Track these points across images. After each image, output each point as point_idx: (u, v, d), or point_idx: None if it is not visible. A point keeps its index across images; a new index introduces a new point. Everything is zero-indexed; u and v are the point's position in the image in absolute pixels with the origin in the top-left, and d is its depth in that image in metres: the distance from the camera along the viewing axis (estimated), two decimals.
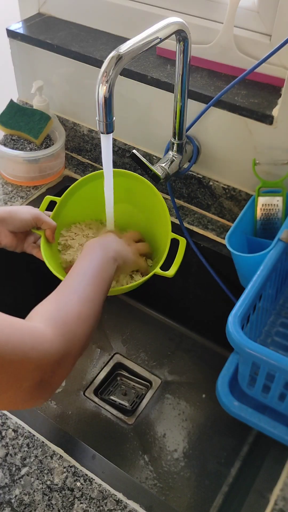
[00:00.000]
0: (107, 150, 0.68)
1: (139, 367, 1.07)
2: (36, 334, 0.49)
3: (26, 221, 0.74)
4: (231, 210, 0.98)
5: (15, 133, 1.05)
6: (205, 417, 0.99)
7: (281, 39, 0.77)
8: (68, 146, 1.15)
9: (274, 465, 0.65)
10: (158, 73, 0.92)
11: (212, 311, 1.06)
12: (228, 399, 0.64)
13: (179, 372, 1.06)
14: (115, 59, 0.61)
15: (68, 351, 0.52)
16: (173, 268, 0.74)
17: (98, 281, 0.62)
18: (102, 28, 1.04)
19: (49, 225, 0.77)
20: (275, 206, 0.87)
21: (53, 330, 0.51)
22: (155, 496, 0.62)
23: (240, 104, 0.85)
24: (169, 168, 0.90)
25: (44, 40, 1.01)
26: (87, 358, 1.08)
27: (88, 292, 0.59)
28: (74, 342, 0.53)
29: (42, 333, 0.50)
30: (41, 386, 0.49)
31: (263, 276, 0.66)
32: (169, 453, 0.93)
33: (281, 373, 0.57)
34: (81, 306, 0.57)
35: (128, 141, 1.06)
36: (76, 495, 0.62)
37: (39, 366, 0.48)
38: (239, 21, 0.86)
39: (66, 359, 0.52)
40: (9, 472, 0.64)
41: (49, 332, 0.51)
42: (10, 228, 0.74)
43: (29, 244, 0.79)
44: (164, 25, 0.69)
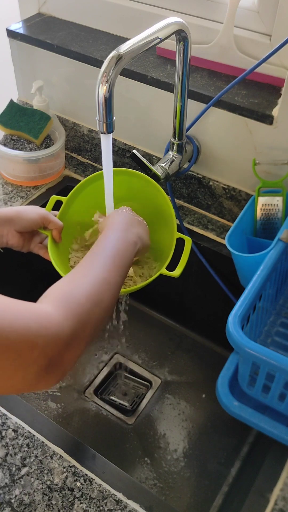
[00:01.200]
0: (107, 150, 0.68)
1: (139, 367, 1.07)
2: (43, 317, 0.48)
3: (33, 221, 0.74)
4: (231, 210, 0.98)
5: (15, 133, 1.05)
6: (205, 417, 0.99)
7: (281, 39, 0.77)
8: (68, 146, 1.15)
9: (274, 465, 0.65)
10: (158, 73, 0.92)
11: (212, 311, 1.06)
12: (228, 399, 0.64)
13: (179, 372, 1.06)
14: (115, 59, 0.61)
15: (78, 334, 0.50)
16: (179, 268, 0.73)
17: (117, 263, 0.60)
18: (102, 28, 1.04)
19: (56, 225, 0.76)
20: (275, 206, 0.87)
21: (62, 312, 0.50)
22: (155, 496, 0.62)
23: (240, 104, 0.85)
24: (169, 168, 0.90)
25: (44, 40, 1.01)
26: (87, 358, 1.08)
27: (105, 274, 0.57)
28: (85, 324, 0.51)
29: (49, 315, 0.49)
30: (49, 369, 0.48)
31: (263, 276, 0.66)
32: (169, 453, 0.94)
33: (281, 373, 0.57)
34: (96, 288, 0.55)
35: (128, 141, 1.06)
36: (76, 495, 0.62)
37: (46, 350, 0.47)
38: (239, 21, 0.86)
39: (76, 342, 0.50)
40: (9, 472, 0.64)
41: (58, 314, 0.49)
42: (17, 228, 0.73)
43: (35, 244, 0.78)
44: (164, 25, 0.69)
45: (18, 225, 0.73)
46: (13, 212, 0.73)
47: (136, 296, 1.17)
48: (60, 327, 0.49)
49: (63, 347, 0.49)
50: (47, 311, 0.49)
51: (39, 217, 0.74)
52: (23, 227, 0.73)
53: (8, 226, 0.73)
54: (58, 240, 0.77)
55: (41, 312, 0.49)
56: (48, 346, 0.47)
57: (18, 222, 0.73)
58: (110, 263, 0.59)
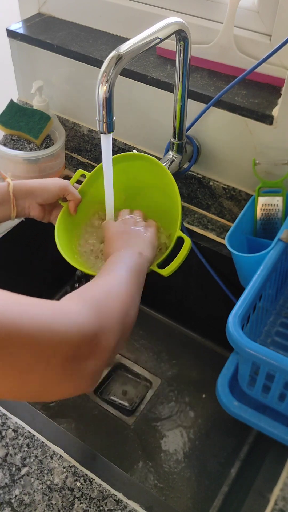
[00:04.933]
0: (107, 150, 0.68)
1: (139, 367, 1.07)
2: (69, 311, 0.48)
3: (54, 194, 0.75)
4: (231, 210, 0.98)
5: (15, 133, 1.05)
6: (205, 417, 0.99)
7: (281, 39, 0.77)
8: (68, 146, 1.15)
9: (274, 465, 0.65)
10: (158, 73, 0.92)
11: (212, 311, 1.06)
12: (228, 399, 0.64)
13: (179, 372, 1.06)
14: (115, 59, 0.61)
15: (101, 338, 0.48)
16: (170, 268, 0.70)
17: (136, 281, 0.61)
18: (102, 28, 1.04)
19: (73, 197, 0.77)
20: (275, 206, 0.87)
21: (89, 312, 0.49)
22: (155, 496, 0.62)
23: (240, 104, 0.85)
24: (169, 168, 0.90)
25: (44, 40, 1.01)
26: None
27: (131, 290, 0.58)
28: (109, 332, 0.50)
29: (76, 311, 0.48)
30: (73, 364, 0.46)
31: (263, 276, 0.66)
32: (169, 453, 0.94)
33: (281, 373, 0.57)
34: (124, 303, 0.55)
35: (128, 141, 1.06)
36: (76, 495, 0.62)
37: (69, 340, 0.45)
38: (239, 21, 0.86)
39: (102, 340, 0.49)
40: (9, 472, 0.64)
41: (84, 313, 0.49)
42: (39, 201, 0.75)
43: (55, 216, 0.79)
44: (164, 25, 0.69)
45: (40, 198, 0.74)
46: (35, 185, 0.74)
47: None
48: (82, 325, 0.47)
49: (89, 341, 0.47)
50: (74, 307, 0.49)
51: (59, 189, 0.75)
52: (44, 199, 0.75)
53: (30, 198, 0.74)
54: (73, 212, 0.78)
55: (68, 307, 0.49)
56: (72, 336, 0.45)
57: (39, 194, 0.74)
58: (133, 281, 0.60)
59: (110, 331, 0.51)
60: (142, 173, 0.81)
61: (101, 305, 0.51)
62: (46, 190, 0.75)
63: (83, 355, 0.47)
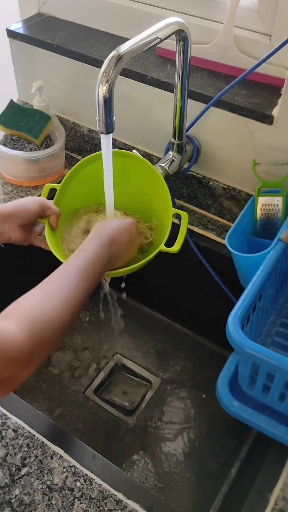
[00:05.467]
0: (107, 150, 0.68)
1: (139, 367, 1.07)
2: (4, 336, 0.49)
3: (34, 211, 0.73)
4: (231, 210, 0.98)
5: (15, 133, 1.05)
6: (205, 417, 0.99)
7: (281, 39, 0.77)
8: (68, 146, 1.15)
9: (274, 465, 0.65)
10: (158, 73, 0.92)
11: (212, 311, 1.06)
12: (228, 399, 0.64)
13: (179, 372, 1.06)
14: (115, 59, 0.61)
15: (34, 358, 0.52)
16: (177, 244, 0.73)
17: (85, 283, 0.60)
18: (102, 28, 1.04)
19: (53, 211, 0.76)
20: (275, 206, 0.87)
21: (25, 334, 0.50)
22: (155, 496, 0.62)
23: (240, 104, 0.85)
24: (169, 168, 0.90)
25: (44, 40, 1.01)
26: (88, 358, 1.08)
27: (72, 296, 0.58)
28: (43, 349, 0.53)
29: (11, 337, 0.49)
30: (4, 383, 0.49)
31: (263, 276, 0.66)
32: (169, 453, 0.94)
33: (281, 373, 0.57)
34: (62, 314, 0.55)
35: (128, 141, 1.06)
36: (76, 495, 0.62)
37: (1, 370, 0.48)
38: (239, 21, 0.86)
39: (30, 365, 0.52)
40: (9, 472, 0.64)
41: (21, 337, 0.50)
42: (19, 222, 0.73)
43: (35, 236, 0.78)
44: (164, 25, 0.69)
45: (20, 219, 0.72)
46: (12, 207, 0.72)
47: (136, 296, 1.17)
48: (19, 350, 0.49)
49: (17, 370, 0.50)
50: (10, 331, 0.50)
51: (38, 206, 0.74)
52: (24, 220, 0.73)
53: (9, 222, 0.72)
54: (55, 227, 0.76)
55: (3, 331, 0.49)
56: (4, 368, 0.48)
57: (18, 216, 0.72)
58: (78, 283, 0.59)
59: (45, 344, 0.53)
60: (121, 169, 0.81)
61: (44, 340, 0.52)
62: (26, 210, 0.73)
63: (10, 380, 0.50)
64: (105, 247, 0.66)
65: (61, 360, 1.07)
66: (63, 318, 0.55)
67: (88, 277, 0.61)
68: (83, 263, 0.62)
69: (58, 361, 1.07)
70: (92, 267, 0.62)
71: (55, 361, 1.07)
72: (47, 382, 1.03)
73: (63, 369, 1.05)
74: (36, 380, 1.03)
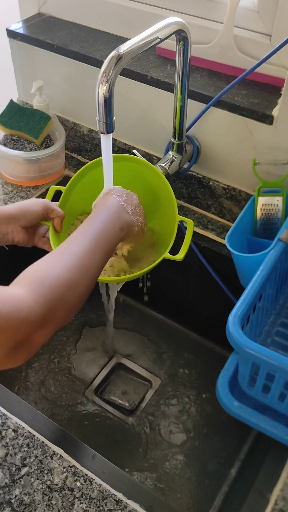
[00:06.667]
0: (107, 150, 0.68)
1: (139, 367, 1.07)
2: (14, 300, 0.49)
3: (37, 213, 0.73)
4: (231, 210, 0.98)
5: (15, 133, 1.05)
6: (205, 417, 0.99)
7: (281, 39, 0.77)
8: (68, 146, 1.15)
9: (274, 465, 0.65)
10: (158, 73, 0.92)
11: (212, 311, 1.06)
12: (228, 399, 0.64)
13: (179, 372, 1.06)
14: (115, 59, 0.61)
15: (48, 317, 0.51)
16: (182, 251, 0.72)
17: (98, 249, 0.59)
18: (102, 28, 1.04)
19: (57, 214, 0.75)
20: (275, 206, 0.87)
21: (34, 295, 0.50)
22: (155, 496, 0.62)
23: (240, 104, 0.85)
24: (169, 168, 0.90)
25: (44, 40, 1.01)
26: (88, 358, 1.08)
27: (84, 259, 0.57)
28: (58, 309, 0.52)
29: (20, 299, 0.49)
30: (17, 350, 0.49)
31: (263, 276, 0.66)
32: (169, 453, 0.94)
33: (281, 373, 0.57)
34: (73, 273, 0.54)
35: (128, 141, 1.06)
36: (76, 495, 0.62)
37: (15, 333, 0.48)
38: (239, 21, 0.86)
39: (46, 325, 0.51)
40: (9, 472, 0.64)
41: (29, 298, 0.50)
42: (23, 224, 0.72)
43: (39, 238, 0.77)
44: (164, 25, 0.69)
45: (23, 220, 0.72)
46: (16, 208, 0.72)
47: (136, 296, 1.17)
48: (30, 311, 0.49)
49: (32, 330, 0.49)
50: (19, 294, 0.50)
51: (42, 208, 0.74)
52: (28, 221, 0.73)
53: (13, 223, 0.72)
54: (59, 230, 0.76)
55: (12, 295, 0.49)
56: (17, 330, 0.48)
57: (22, 217, 0.72)
58: (90, 248, 0.58)
59: (57, 321, 0.52)
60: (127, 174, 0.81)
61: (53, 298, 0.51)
62: (30, 211, 0.72)
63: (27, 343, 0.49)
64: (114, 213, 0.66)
65: (61, 360, 1.07)
66: (75, 278, 0.54)
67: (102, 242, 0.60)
68: (95, 229, 0.61)
69: (58, 361, 1.07)
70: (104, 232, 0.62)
71: (55, 361, 1.07)
72: (47, 382, 1.03)
73: (63, 369, 1.05)
74: (36, 380, 1.03)
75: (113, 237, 0.63)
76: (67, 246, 0.58)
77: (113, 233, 0.63)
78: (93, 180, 0.80)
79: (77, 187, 0.82)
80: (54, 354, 1.08)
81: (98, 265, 0.58)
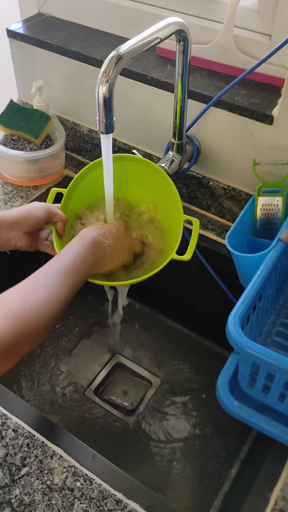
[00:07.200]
0: (107, 150, 0.68)
1: (139, 367, 1.07)
2: None
3: (40, 218, 0.73)
4: (231, 210, 0.98)
5: (15, 133, 1.05)
6: (205, 417, 0.99)
7: (281, 39, 0.77)
8: (68, 146, 1.15)
9: (274, 465, 0.65)
10: (158, 73, 0.92)
11: (212, 311, 1.06)
12: (228, 399, 0.64)
13: (179, 372, 1.06)
14: (115, 59, 0.61)
15: (16, 349, 0.52)
16: (189, 251, 0.72)
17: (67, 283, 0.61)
18: (102, 28, 1.04)
19: (60, 218, 0.75)
20: (275, 206, 0.87)
21: (7, 328, 0.52)
22: (155, 496, 0.62)
23: (240, 104, 0.85)
24: (169, 168, 0.90)
25: (44, 40, 1.01)
26: (88, 358, 1.08)
27: (54, 292, 0.58)
28: (25, 341, 0.54)
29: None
30: None
31: (263, 276, 0.66)
32: (169, 453, 0.93)
33: (281, 373, 0.57)
34: (44, 306, 0.56)
35: (128, 141, 1.06)
36: (76, 495, 0.62)
37: None
38: (239, 21, 0.86)
39: (12, 356, 0.53)
40: (9, 472, 0.64)
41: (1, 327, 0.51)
42: (25, 229, 0.72)
43: (42, 242, 0.77)
44: (164, 25, 0.69)
45: (26, 226, 0.72)
46: (18, 214, 0.71)
47: (136, 296, 1.17)
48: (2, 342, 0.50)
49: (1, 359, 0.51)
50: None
51: (44, 212, 0.73)
52: (30, 227, 0.72)
53: (16, 229, 0.71)
54: (62, 234, 0.76)
55: None
56: None
57: (25, 223, 0.71)
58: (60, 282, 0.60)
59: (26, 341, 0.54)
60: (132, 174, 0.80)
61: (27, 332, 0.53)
62: (32, 216, 0.72)
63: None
64: (88, 248, 0.66)
65: (61, 360, 1.07)
66: (45, 313, 0.56)
67: (70, 276, 0.62)
68: (66, 263, 0.62)
69: (58, 361, 1.07)
70: (75, 267, 0.63)
71: (55, 361, 1.07)
72: (47, 381, 1.03)
73: (63, 369, 1.05)
74: (36, 380, 1.03)
75: (83, 272, 0.64)
76: (39, 278, 0.60)
77: (83, 267, 0.64)
78: (94, 182, 0.80)
79: (78, 189, 0.81)
80: (54, 354, 1.08)
81: (66, 298, 0.60)
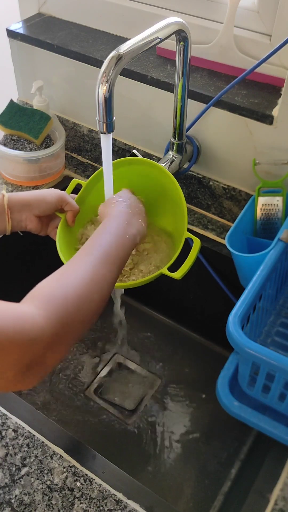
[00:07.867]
0: (107, 150, 0.68)
1: (139, 367, 1.07)
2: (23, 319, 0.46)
3: (51, 204, 0.72)
4: (231, 210, 0.98)
5: (15, 133, 1.05)
6: (205, 417, 0.99)
7: (281, 39, 0.77)
8: (68, 146, 1.15)
9: (274, 465, 0.65)
10: (158, 73, 0.92)
11: (212, 311, 1.06)
12: (228, 399, 0.64)
13: (179, 372, 1.06)
14: (115, 59, 0.61)
15: (60, 336, 0.49)
16: (181, 270, 0.70)
17: (111, 260, 0.57)
18: (102, 28, 1.04)
19: (72, 207, 0.74)
20: (275, 206, 0.87)
21: (46, 313, 0.48)
22: (155, 496, 0.62)
23: (240, 104, 0.85)
24: (169, 168, 0.90)
25: (44, 40, 1.01)
26: (88, 358, 1.08)
27: (96, 273, 0.55)
28: (71, 326, 0.50)
29: (31, 317, 0.47)
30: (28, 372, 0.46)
31: (263, 276, 0.66)
32: (169, 453, 0.94)
33: (281, 373, 0.57)
34: (84, 288, 0.52)
35: (128, 141, 1.06)
36: (76, 495, 0.62)
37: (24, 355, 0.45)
38: (239, 21, 0.86)
39: (60, 344, 0.49)
40: (9, 472, 0.64)
41: (42, 316, 0.47)
42: (36, 213, 0.72)
43: (52, 228, 0.77)
44: (164, 25, 0.69)
45: (37, 209, 0.72)
46: (31, 196, 0.72)
47: (136, 296, 1.17)
48: (43, 329, 0.47)
49: (44, 351, 0.47)
50: (29, 312, 0.47)
51: (56, 199, 0.73)
52: (42, 211, 0.72)
53: (27, 210, 0.72)
54: (71, 224, 0.75)
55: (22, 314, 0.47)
56: (26, 351, 0.45)
57: (37, 206, 0.72)
58: (103, 261, 0.56)
59: (70, 339, 0.50)
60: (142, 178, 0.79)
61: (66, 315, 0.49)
62: (44, 201, 0.72)
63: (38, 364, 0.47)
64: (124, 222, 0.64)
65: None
66: (86, 294, 0.52)
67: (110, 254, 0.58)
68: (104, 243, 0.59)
69: None
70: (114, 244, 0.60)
71: None
72: (47, 382, 1.03)
73: (63, 369, 1.06)
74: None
75: (126, 246, 0.61)
76: (78, 261, 0.56)
77: (125, 242, 0.62)
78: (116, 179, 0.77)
79: (100, 183, 0.78)
80: None
81: (110, 278, 0.56)
